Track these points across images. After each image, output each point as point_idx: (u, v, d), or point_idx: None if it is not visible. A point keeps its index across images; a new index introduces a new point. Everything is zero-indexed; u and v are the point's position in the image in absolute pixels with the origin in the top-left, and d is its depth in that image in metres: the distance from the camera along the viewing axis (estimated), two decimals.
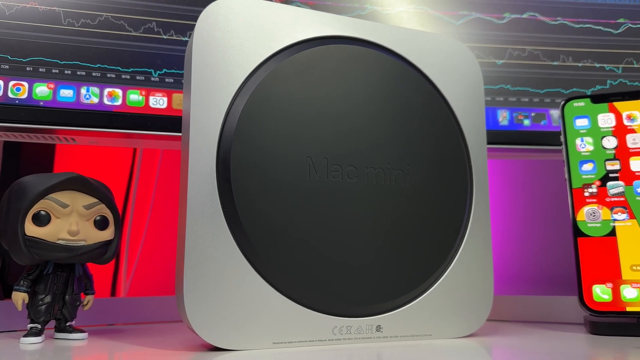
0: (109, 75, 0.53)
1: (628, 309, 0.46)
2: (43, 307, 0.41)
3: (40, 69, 0.51)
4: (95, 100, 0.52)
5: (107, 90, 0.53)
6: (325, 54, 0.42)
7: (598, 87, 0.62)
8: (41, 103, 0.51)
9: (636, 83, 0.62)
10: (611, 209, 0.49)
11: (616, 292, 0.47)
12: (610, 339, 0.43)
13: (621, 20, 0.63)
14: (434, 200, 0.44)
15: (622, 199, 0.49)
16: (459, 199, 0.45)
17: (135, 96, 0.53)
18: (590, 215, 0.49)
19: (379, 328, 0.41)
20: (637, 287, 0.47)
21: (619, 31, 0.62)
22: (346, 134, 0.41)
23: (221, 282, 0.36)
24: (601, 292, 0.47)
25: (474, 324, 0.45)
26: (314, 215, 0.39)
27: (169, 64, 0.54)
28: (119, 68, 0.53)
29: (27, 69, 0.51)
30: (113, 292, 0.71)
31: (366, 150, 0.42)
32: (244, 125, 0.38)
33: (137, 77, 0.53)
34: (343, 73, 0.42)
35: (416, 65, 0.46)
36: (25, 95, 0.51)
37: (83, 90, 0.52)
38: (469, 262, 0.44)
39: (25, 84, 0.51)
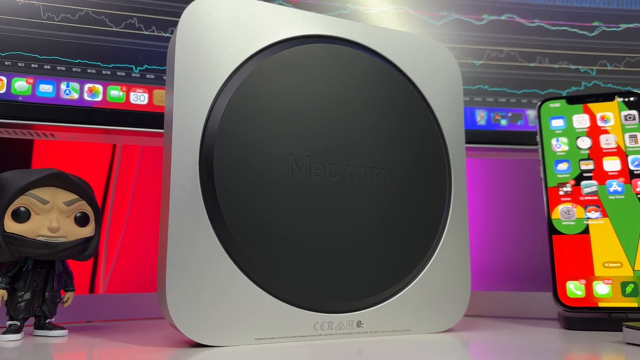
0: (89, 70, 0.52)
1: (600, 304, 0.48)
2: (22, 304, 0.41)
3: (19, 64, 0.51)
4: (76, 95, 0.52)
5: (87, 86, 0.52)
6: (308, 52, 0.42)
7: (573, 88, 0.63)
8: (20, 98, 0.51)
9: (610, 85, 0.63)
10: (585, 208, 0.50)
11: (589, 288, 0.48)
12: (583, 334, 0.45)
13: (596, 24, 0.64)
14: (414, 198, 0.44)
15: (595, 198, 0.50)
16: (438, 197, 0.46)
17: (115, 92, 0.53)
18: (564, 214, 0.51)
19: (359, 324, 0.41)
20: (609, 284, 0.48)
21: (593, 34, 0.64)
22: (328, 133, 0.42)
23: (204, 279, 0.37)
24: (574, 288, 0.49)
25: (451, 319, 0.45)
26: (297, 213, 0.40)
27: (150, 60, 0.54)
28: (100, 63, 0.53)
29: (6, 63, 0.50)
30: (92, 289, 0.70)
31: (348, 148, 0.42)
32: (227, 123, 0.38)
33: (118, 73, 0.53)
34: (325, 72, 0.43)
35: (397, 64, 0.46)
36: (3, 90, 0.50)
37: (63, 86, 0.52)
38: (447, 259, 0.45)
39: (4, 79, 0.50)
